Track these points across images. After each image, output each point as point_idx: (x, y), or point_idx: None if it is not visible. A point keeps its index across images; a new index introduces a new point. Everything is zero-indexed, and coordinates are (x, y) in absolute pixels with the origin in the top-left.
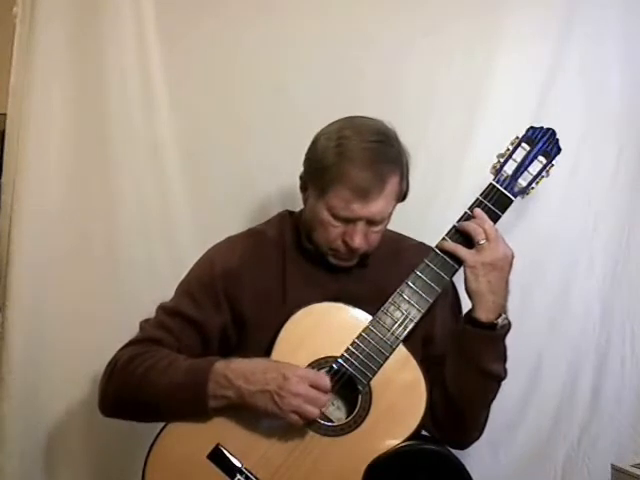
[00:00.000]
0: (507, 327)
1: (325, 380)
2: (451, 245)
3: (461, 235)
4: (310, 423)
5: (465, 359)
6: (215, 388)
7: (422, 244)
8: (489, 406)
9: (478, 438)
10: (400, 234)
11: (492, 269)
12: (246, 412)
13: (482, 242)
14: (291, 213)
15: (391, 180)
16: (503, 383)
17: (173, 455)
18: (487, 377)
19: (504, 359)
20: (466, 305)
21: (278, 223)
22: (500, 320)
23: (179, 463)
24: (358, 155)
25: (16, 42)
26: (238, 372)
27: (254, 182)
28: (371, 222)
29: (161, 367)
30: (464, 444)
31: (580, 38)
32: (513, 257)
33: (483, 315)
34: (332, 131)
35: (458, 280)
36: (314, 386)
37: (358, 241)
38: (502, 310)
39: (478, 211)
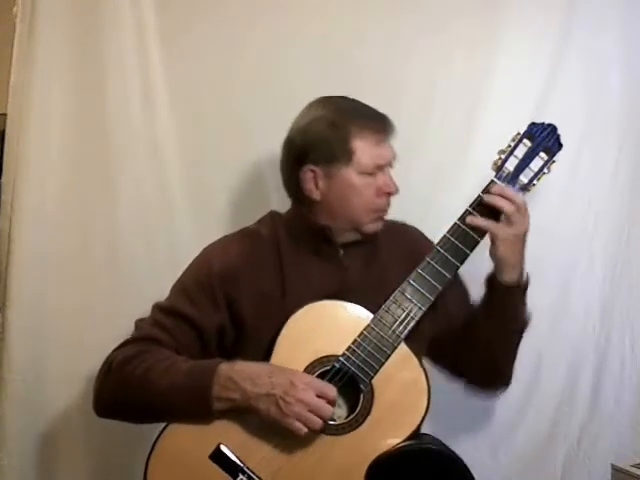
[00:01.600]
0: (527, 276)
1: (332, 390)
2: (480, 221)
3: (484, 207)
4: (312, 430)
5: (504, 319)
6: (220, 390)
7: (425, 238)
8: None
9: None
10: (404, 223)
11: (522, 239)
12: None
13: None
14: (279, 214)
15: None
16: None
17: (175, 455)
18: (522, 328)
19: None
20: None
21: (270, 222)
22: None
23: (181, 463)
24: (355, 106)
25: (16, 42)
26: (243, 374)
27: (254, 181)
28: (390, 164)
29: (161, 368)
30: (498, 391)
31: (580, 38)
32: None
33: (515, 278)
34: (320, 114)
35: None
36: (320, 395)
37: (394, 183)
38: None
39: (499, 187)
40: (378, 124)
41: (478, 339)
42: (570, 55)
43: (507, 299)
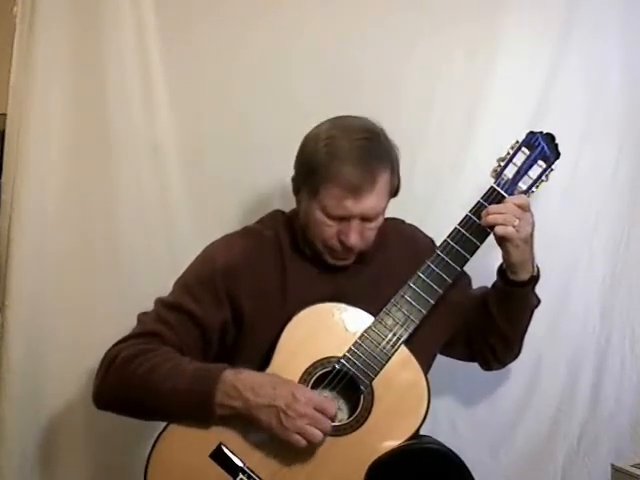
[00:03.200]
0: (538, 268)
1: (331, 406)
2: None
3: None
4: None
5: (517, 309)
6: (223, 398)
7: (421, 232)
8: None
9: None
10: (402, 221)
11: (529, 239)
12: None
13: (516, 223)
14: (282, 213)
15: (382, 175)
16: (502, 383)
17: (175, 455)
18: (533, 310)
19: None
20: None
21: (271, 222)
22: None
23: (182, 463)
24: (347, 154)
25: (16, 42)
26: (247, 383)
27: (254, 180)
28: (365, 219)
29: (164, 369)
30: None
31: (580, 38)
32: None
33: (527, 275)
34: (320, 132)
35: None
36: (319, 410)
37: (353, 239)
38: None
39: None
40: (352, 183)
41: (491, 327)
42: (570, 55)
43: (521, 293)
